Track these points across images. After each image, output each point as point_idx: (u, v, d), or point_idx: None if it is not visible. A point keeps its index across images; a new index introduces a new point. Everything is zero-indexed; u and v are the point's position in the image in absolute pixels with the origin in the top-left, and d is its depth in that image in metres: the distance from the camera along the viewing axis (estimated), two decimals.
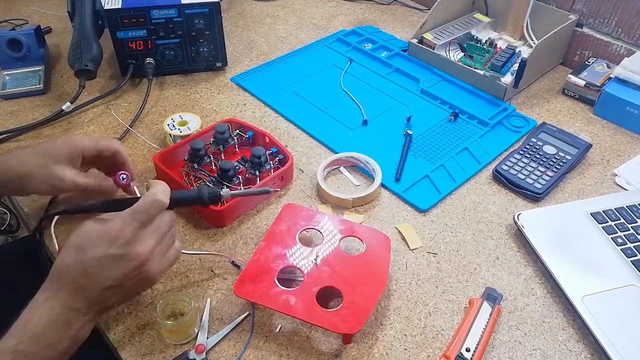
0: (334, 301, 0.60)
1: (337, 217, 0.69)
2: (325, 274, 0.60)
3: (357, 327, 0.55)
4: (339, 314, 0.56)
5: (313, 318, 0.56)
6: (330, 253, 0.63)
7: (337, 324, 0.55)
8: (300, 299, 0.57)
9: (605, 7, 0.95)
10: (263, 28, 1.16)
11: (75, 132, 0.86)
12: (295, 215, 0.67)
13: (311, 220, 0.67)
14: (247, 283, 0.59)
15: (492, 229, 0.71)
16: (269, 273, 0.60)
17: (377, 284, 0.59)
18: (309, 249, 0.63)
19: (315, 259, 0.62)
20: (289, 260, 0.62)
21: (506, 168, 0.78)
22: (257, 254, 0.62)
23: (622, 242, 0.66)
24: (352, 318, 0.56)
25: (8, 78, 0.96)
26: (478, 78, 0.95)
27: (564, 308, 0.61)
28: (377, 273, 0.61)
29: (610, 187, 0.77)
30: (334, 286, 0.59)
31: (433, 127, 0.88)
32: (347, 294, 0.58)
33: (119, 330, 0.58)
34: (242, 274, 0.60)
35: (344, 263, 0.62)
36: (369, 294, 0.58)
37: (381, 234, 0.66)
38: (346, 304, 0.57)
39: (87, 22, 0.93)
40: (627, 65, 0.89)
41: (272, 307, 0.57)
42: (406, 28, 1.17)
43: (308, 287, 0.59)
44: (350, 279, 0.60)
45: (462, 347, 0.56)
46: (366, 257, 0.63)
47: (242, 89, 0.97)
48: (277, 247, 0.63)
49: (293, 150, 0.83)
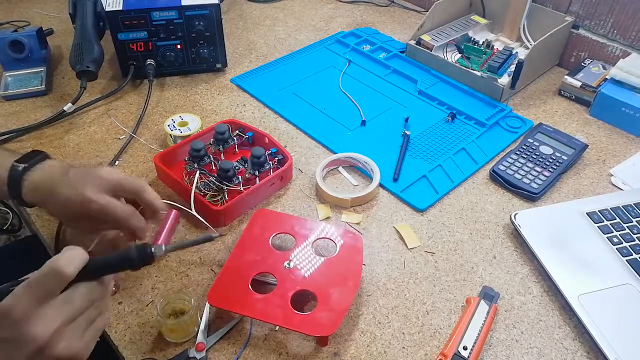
0: (309, 304, 0.60)
1: (310, 220, 0.68)
2: (299, 278, 0.60)
3: (333, 329, 0.55)
4: (314, 316, 0.56)
5: (288, 323, 0.56)
6: (303, 256, 0.63)
7: (312, 327, 0.55)
8: (275, 304, 0.57)
9: (601, 9, 0.96)
10: (262, 30, 1.17)
11: (77, 132, 0.87)
12: (267, 221, 0.67)
13: (283, 224, 0.67)
14: (221, 291, 0.59)
15: (489, 229, 0.72)
16: (242, 280, 0.60)
17: (350, 285, 0.59)
18: (282, 253, 0.63)
19: (288, 264, 0.62)
20: (262, 266, 0.62)
21: (503, 168, 0.78)
22: (229, 262, 0.62)
23: (618, 242, 0.66)
24: (327, 320, 0.56)
25: (10, 79, 0.96)
26: (475, 79, 0.95)
27: (560, 307, 0.62)
28: (351, 273, 0.61)
29: (606, 187, 0.78)
30: (308, 289, 0.59)
31: (431, 127, 0.88)
32: (322, 296, 0.58)
33: (120, 328, 0.59)
34: (215, 283, 0.60)
35: (317, 265, 0.62)
36: (343, 295, 0.58)
37: (353, 234, 0.66)
38: (321, 307, 0.57)
39: (88, 24, 0.93)
40: (622, 67, 0.89)
41: (247, 314, 0.57)
42: (404, 30, 1.17)
43: (282, 292, 0.59)
44: (323, 281, 0.60)
45: (460, 346, 0.56)
46: (339, 259, 0.63)
47: (241, 90, 0.98)
48: (249, 254, 0.63)
49: (292, 150, 0.84)
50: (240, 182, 0.73)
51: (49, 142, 0.85)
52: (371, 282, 0.64)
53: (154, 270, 0.65)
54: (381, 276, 0.65)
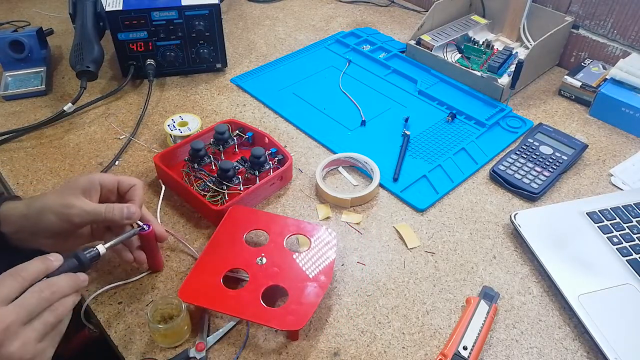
0: (280, 299, 0.60)
1: (284, 217, 0.68)
2: (271, 273, 0.60)
3: (301, 324, 0.56)
4: (284, 311, 0.57)
5: (258, 317, 0.56)
6: (275, 252, 0.63)
7: (281, 321, 0.56)
8: (246, 299, 0.58)
9: (601, 9, 0.96)
10: (262, 30, 1.17)
11: (77, 132, 0.87)
12: (241, 217, 0.67)
13: (257, 221, 0.67)
14: (193, 286, 0.59)
15: (489, 229, 0.72)
16: (214, 275, 0.60)
17: (322, 280, 0.60)
18: (255, 249, 0.63)
19: (260, 259, 0.62)
20: (234, 261, 0.62)
21: (503, 168, 0.78)
22: (202, 258, 0.62)
23: (618, 242, 0.66)
24: (297, 315, 0.56)
25: (10, 79, 0.96)
26: (475, 79, 0.95)
27: (560, 307, 0.62)
28: (323, 268, 0.61)
29: (606, 187, 0.78)
30: (279, 284, 0.59)
31: (431, 127, 0.88)
32: (293, 291, 0.58)
33: (120, 328, 0.59)
34: (187, 278, 0.60)
35: (290, 261, 0.62)
36: (314, 290, 0.59)
37: (328, 231, 0.66)
38: (291, 302, 0.57)
39: (88, 24, 0.93)
40: (622, 67, 0.89)
41: (218, 309, 0.57)
42: (404, 30, 1.17)
43: (254, 287, 0.59)
44: (295, 276, 0.60)
45: (460, 345, 0.56)
46: (311, 254, 0.63)
47: (241, 90, 0.98)
48: (223, 250, 0.63)
49: (292, 150, 0.84)
50: (240, 182, 0.73)
51: (49, 142, 0.85)
52: (371, 282, 0.64)
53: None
54: (381, 276, 0.65)
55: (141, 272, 0.65)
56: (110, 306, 0.61)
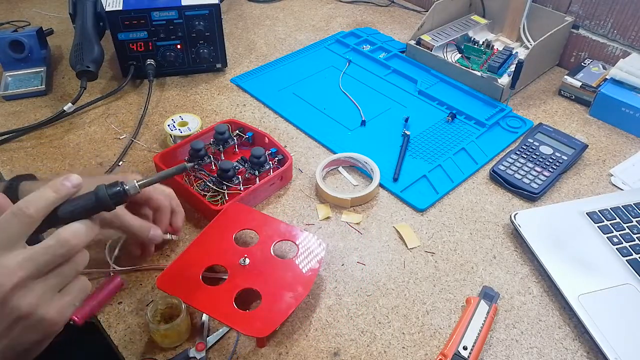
0: (255, 303, 0.60)
1: (278, 221, 0.67)
2: (250, 276, 0.59)
3: (267, 332, 0.54)
4: (253, 316, 0.56)
5: (226, 318, 0.55)
6: (260, 255, 0.62)
7: (248, 326, 0.55)
8: (219, 298, 0.57)
9: (601, 9, 0.96)
10: (262, 30, 1.17)
11: (77, 132, 0.87)
12: (236, 215, 0.67)
13: (251, 220, 0.66)
14: (172, 278, 0.58)
15: (489, 229, 0.72)
16: (194, 270, 0.59)
17: (299, 291, 0.58)
18: (241, 249, 0.63)
19: (244, 260, 0.61)
20: (217, 258, 0.61)
21: (503, 168, 0.78)
22: (188, 250, 0.62)
23: (618, 242, 0.66)
24: (265, 322, 0.55)
25: (10, 79, 0.96)
26: (475, 79, 0.95)
27: (560, 307, 0.62)
28: (303, 279, 0.59)
29: (606, 187, 0.78)
30: (254, 288, 0.58)
31: (430, 127, 0.88)
32: (267, 297, 0.57)
33: (120, 328, 0.59)
34: (168, 269, 0.59)
35: (272, 266, 0.61)
36: (289, 300, 0.57)
37: (318, 242, 0.64)
38: (262, 308, 0.56)
39: (88, 24, 0.93)
40: (622, 67, 0.89)
41: (191, 303, 0.57)
42: (404, 30, 1.17)
43: (230, 287, 0.58)
44: (273, 282, 0.59)
45: (460, 345, 0.56)
46: (295, 263, 0.62)
47: (241, 90, 0.98)
48: (209, 245, 0.63)
49: (292, 150, 0.84)
50: (240, 182, 0.73)
51: (49, 142, 0.85)
52: (371, 282, 0.64)
53: (155, 270, 0.65)
54: (381, 276, 0.65)
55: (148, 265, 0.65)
56: (110, 306, 0.61)
